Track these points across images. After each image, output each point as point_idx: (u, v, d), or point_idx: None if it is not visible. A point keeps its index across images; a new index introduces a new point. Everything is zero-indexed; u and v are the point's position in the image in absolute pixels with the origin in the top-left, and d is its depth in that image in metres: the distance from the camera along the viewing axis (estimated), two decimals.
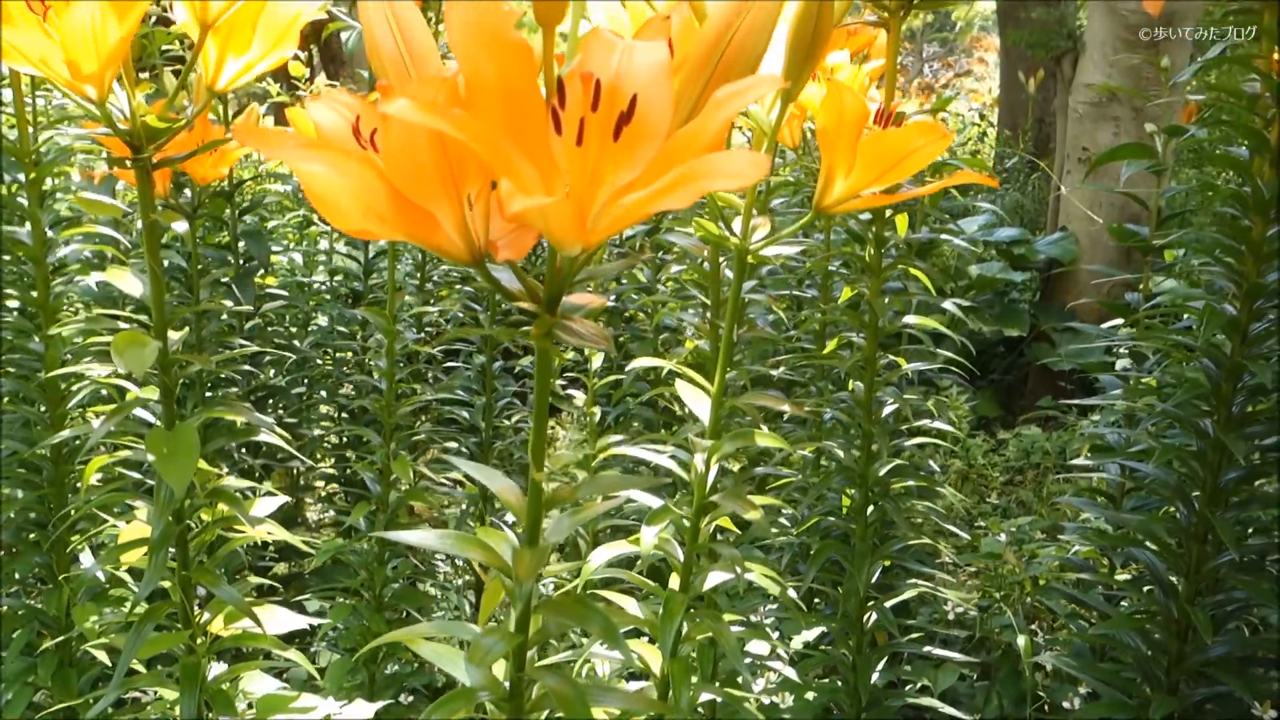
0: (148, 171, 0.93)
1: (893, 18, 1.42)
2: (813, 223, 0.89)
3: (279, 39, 0.97)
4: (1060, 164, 4.68)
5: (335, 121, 0.58)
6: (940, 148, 0.81)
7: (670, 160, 0.52)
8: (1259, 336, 1.30)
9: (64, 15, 0.77)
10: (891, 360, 1.56)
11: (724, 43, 0.56)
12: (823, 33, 0.75)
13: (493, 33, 0.51)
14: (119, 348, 0.94)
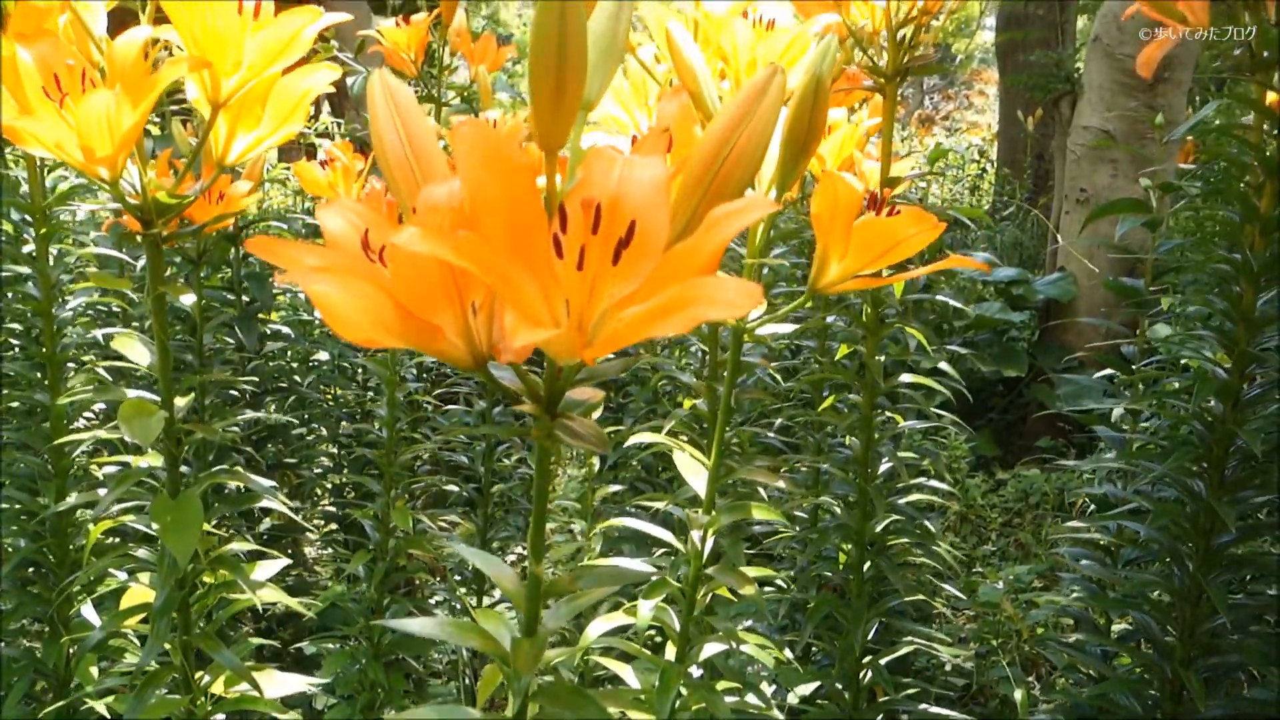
0: (158, 245, 0.95)
1: (888, 84, 1.45)
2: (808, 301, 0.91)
3: (288, 115, 0.99)
4: (1058, 204, 4.72)
5: (343, 229, 0.60)
6: (931, 236, 0.83)
7: (667, 275, 0.54)
8: (1251, 402, 1.31)
9: (80, 104, 0.79)
10: (889, 417, 1.58)
11: (722, 156, 0.58)
12: (816, 130, 0.77)
13: (497, 153, 0.53)
14: (126, 416, 0.95)
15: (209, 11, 0.85)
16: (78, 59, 0.84)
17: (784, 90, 0.58)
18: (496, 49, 2.44)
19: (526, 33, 10.82)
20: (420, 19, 2.32)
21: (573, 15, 0.51)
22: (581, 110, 0.56)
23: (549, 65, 0.52)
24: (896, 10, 1.41)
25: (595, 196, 0.53)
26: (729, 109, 0.58)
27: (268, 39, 0.89)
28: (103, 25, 0.94)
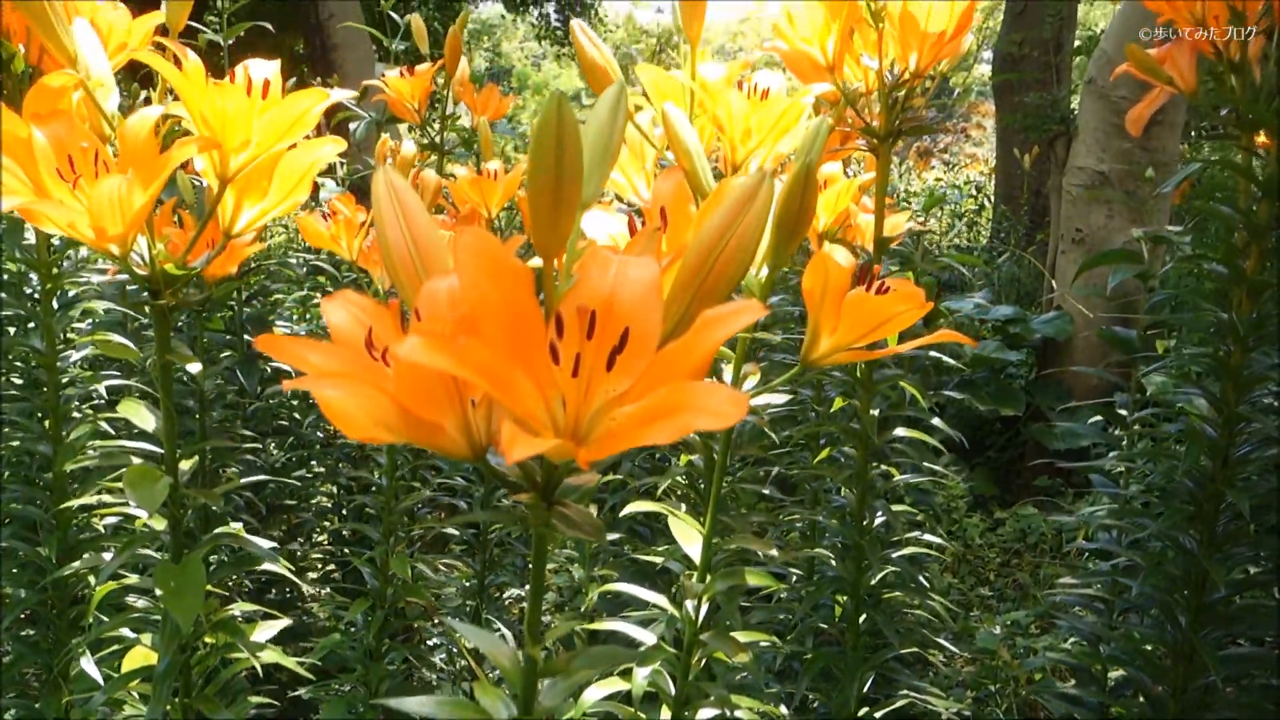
0: (165, 315, 0.97)
1: (881, 144, 1.48)
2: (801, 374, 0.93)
3: (294, 187, 1.02)
4: (1054, 243, 4.76)
5: (348, 324, 0.62)
6: (919, 314, 0.85)
7: (659, 375, 0.56)
8: (1239, 461, 1.33)
9: (93, 189, 0.81)
10: (884, 469, 1.60)
11: (712, 258, 0.61)
12: (806, 215, 0.80)
13: (496, 261, 0.55)
14: (131, 481, 0.97)
15: (219, 94, 0.87)
16: (91, 140, 0.87)
17: (772, 195, 0.61)
18: (499, 99, 2.48)
19: (528, 65, 10.97)
20: (424, 69, 2.36)
21: (569, 140, 0.53)
22: (580, 208, 0.58)
23: (546, 183, 0.54)
24: (889, 74, 1.43)
25: (590, 303, 0.55)
26: (720, 213, 0.60)
27: (275, 119, 0.91)
28: (115, 103, 0.96)
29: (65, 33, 0.91)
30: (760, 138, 1.19)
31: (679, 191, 0.89)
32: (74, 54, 0.92)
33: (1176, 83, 1.59)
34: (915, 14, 1.35)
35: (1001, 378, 4.48)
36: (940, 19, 1.35)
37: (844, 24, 1.40)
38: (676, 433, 0.49)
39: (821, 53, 1.41)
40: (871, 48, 1.45)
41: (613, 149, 0.62)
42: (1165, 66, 1.60)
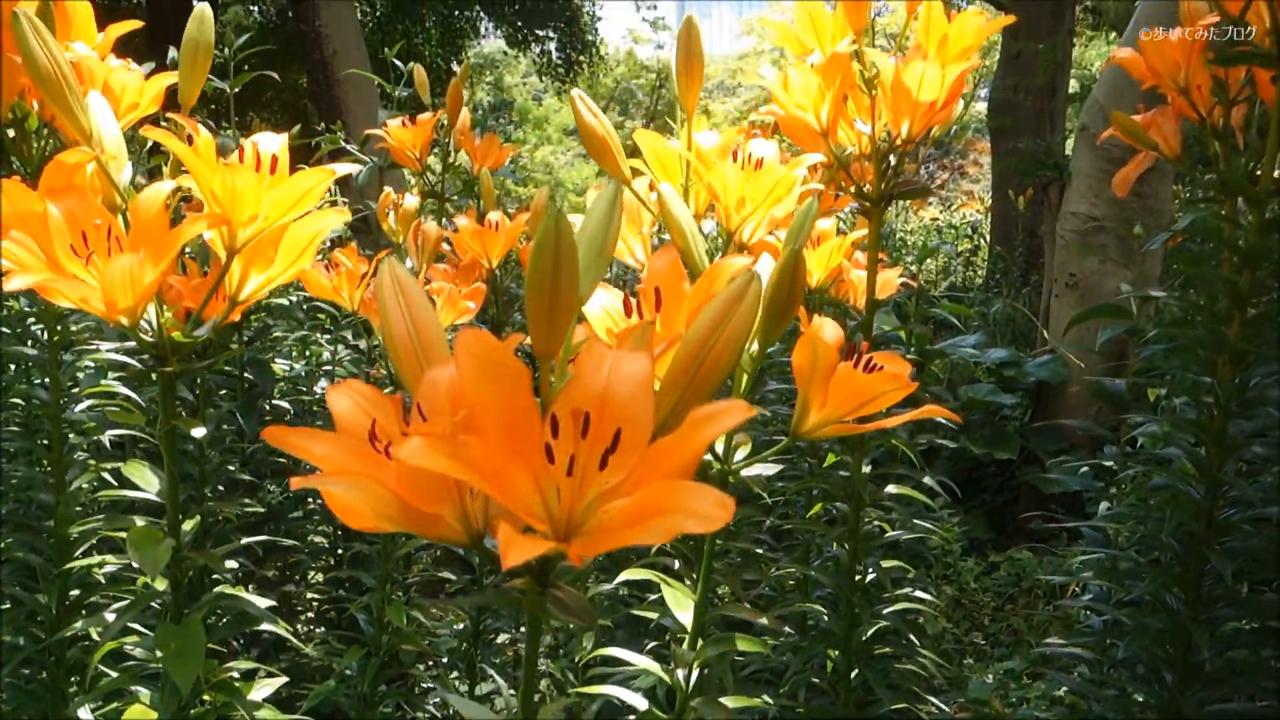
0: (171, 382, 0.99)
1: (874, 208, 1.51)
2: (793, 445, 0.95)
3: (299, 257, 1.04)
4: (1048, 288, 4.80)
5: (352, 413, 0.65)
6: (904, 393, 0.87)
7: (650, 470, 0.58)
8: (1223, 524, 1.35)
9: (106, 265, 0.84)
10: (877, 525, 1.62)
11: (702, 354, 0.63)
12: (795, 299, 0.83)
13: (494, 360, 0.57)
14: (134, 543, 0.99)
15: (229, 173, 0.90)
16: (104, 217, 0.89)
17: (760, 295, 0.63)
18: (499, 148, 2.52)
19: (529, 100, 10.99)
20: (425, 118, 2.40)
21: (566, 255, 0.56)
22: (576, 313, 0.60)
23: (544, 294, 0.57)
24: (881, 139, 1.47)
25: (584, 404, 0.58)
26: (709, 312, 0.63)
27: (282, 195, 0.94)
28: (127, 176, 0.99)
29: (81, 110, 0.94)
30: (754, 206, 1.22)
31: (673, 269, 0.91)
32: (89, 130, 0.95)
33: (1161, 148, 1.63)
34: (908, 83, 1.39)
35: (996, 420, 4.51)
36: (932, 88, 1.38)
37: (838, 91, 1.44)
38: (665, 535, 0.51)
39: (816, 118, 1.45)
40: (865, 113, 1.48)
41: (608, 249, 0.65)
42: (1150, 132, 1.63)
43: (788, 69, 1.42)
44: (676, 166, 1.28)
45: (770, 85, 1.46)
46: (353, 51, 8.88)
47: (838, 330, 1.00)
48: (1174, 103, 1.60)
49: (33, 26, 0.90)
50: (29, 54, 0.89)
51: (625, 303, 0.88)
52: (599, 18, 15.17)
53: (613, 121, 12.41)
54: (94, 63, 1.44)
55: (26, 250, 0.85)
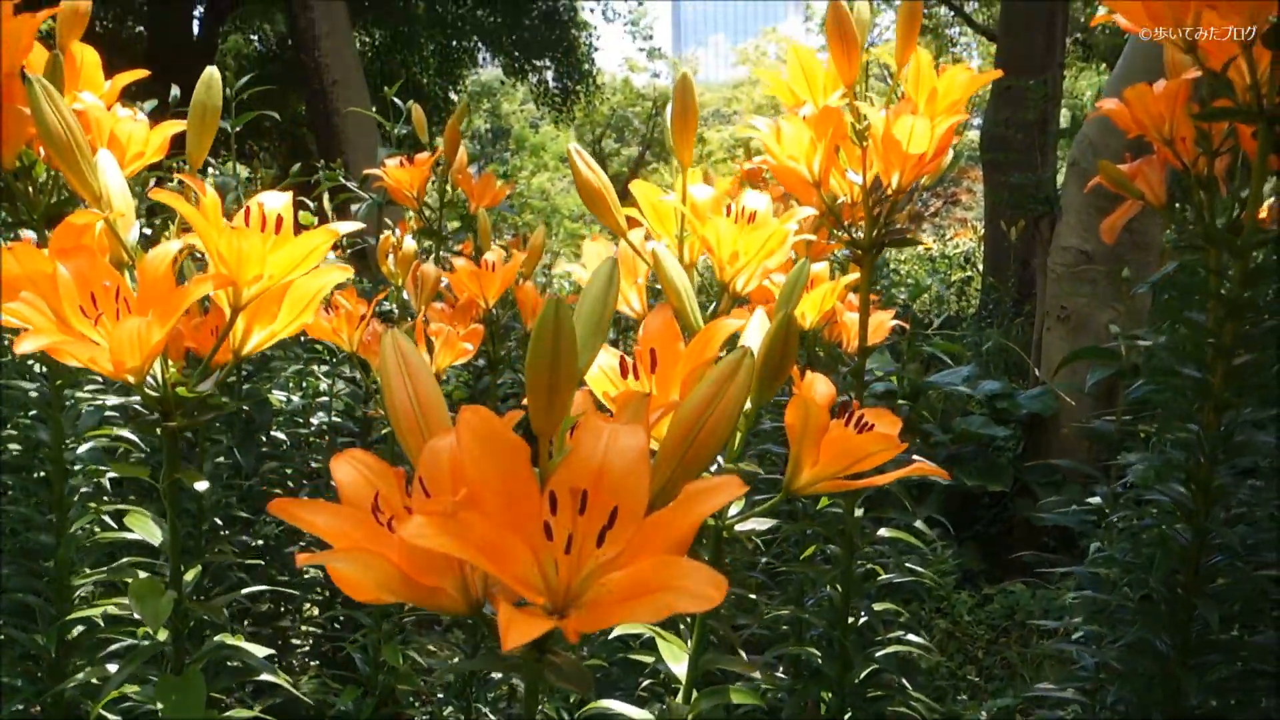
0: (175, 437, 1.01)
1: (865, 256, 1.54)
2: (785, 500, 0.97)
3: (302, 311, 1.07)
4: (1040, 320, 4.83)
5: (355, 482, 0.67)
6: (892, 454, 0.89)
7: (645, 543, 0.60)
8: (1210, 570, 1.37)
9: (115, 328, 0.86)
10: (869, 568, 1.63)
11: (696, 428, 0.65)
12: (787, 361, 0.85)
13: (495, 438, 0.60)
14: (136, 595, 1.01)
15: (235, 236, 0.93)
16: (112, 278, 0.91)
17: (752, 371, 0.65)
18: (496, 187, 2.55)
19: (526, 127, 11.06)
20: (423, 158, 2.43)
21: (565, 341, 0.58)
22: (573, 393, 0.63)
23: (543, 377, 0.59)
24: (872, 188, 1.50)
25: (581, 480, 0.60)
26: (703, 389, 0.65)
27: (287, 255, 0.97)
28: (135, 235, 1.02)
29: (91, 171, 0.97)
30: (747, 259, 1.25)
31: (667, 329, 0.94)
32: (99, 191, 0.97)
33: (1147, 196, 1.66)
34: (898, 136, 1.42)
35: (989, 452, 4.53)
36: (921, 141, 1.41)
37: (829, 142, 1.47)
38: (659, 614, 0.53)
39: (808, 169, 1.48)
40: (856, 163, 1.51)
41: (605, 323, 0.67)
42: (1136, 181, 1.67)
43: (780, 121, 1.45)
44: (671, 217, 1.31)
45: (763, 137, 1.49)
46: (352, 81, 8.95)
47: (829, 387, 1.02)
48: (1159, 152, 1.64)
49: (45, 91, 0.92)
50: (41, 118, 0.92)
51: (622, 363, 0.91)
52: (596, 48, 15.28)
53: (609, 149, 12.72)
54: (100, 112, 1.46)
55: (37, 311, 0.87)
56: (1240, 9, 1.28)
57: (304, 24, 8.64)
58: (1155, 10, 1.33)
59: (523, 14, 14.17)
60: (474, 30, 14.89)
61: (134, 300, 0.92)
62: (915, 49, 1.47)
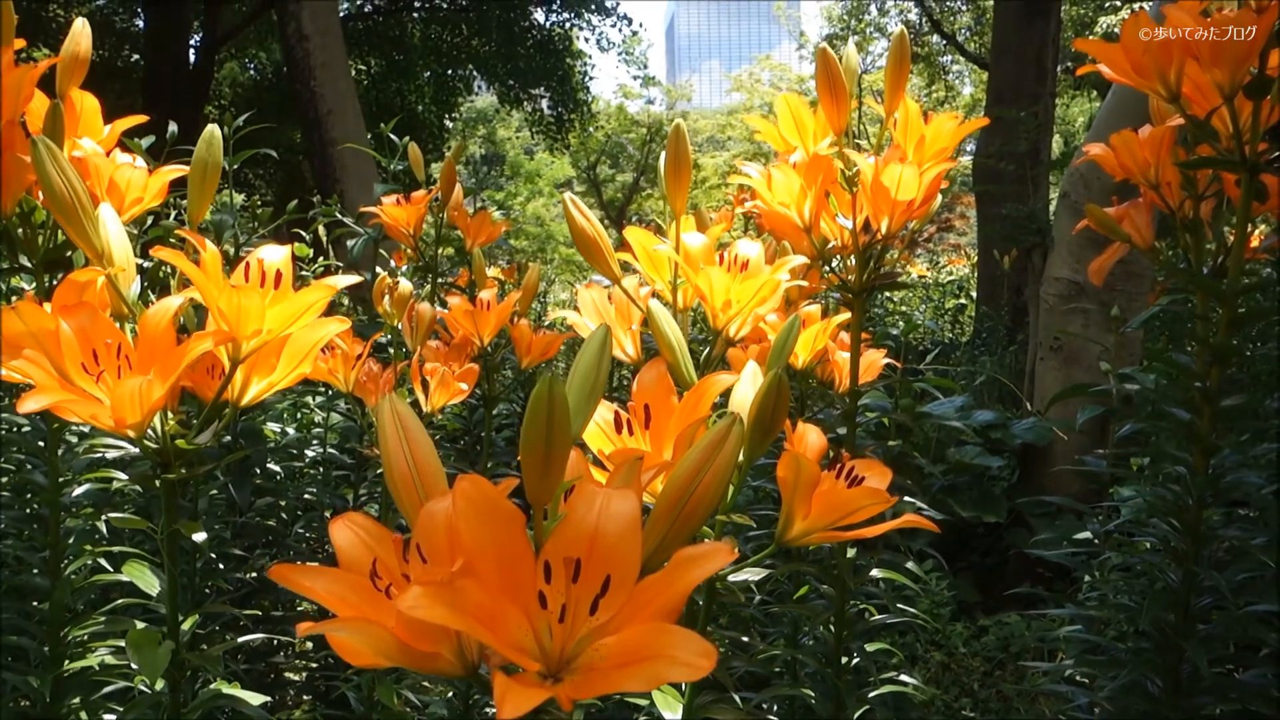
0: (174, 489, 1.02)
1: (856, 299, 1.56)
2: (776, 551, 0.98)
3: (300, 362, 1.08)
4: (1033, 351, 4.86)
5: (353, 547, 0.68)
6: (882, 508, 0.91)
7: (638, 608, 0.62)
8: (1200, 613, 1.38)
9: (116, 386, 0.87)
10: (861, 608, 1.64)
11: (688, 494, 0.67)
12: (779, 417, 0.86)
13: (490, 507, 0.61)
14: (134, 645, 1.01)
15: (236, 294, 0.94)
16: (114, 335, 0.93)
17: (741, 438, 0.67)
18: (491, 225, 2.57)
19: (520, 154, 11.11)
20: (419, 195, 2.45)
21: (559, 416, 0.59)
22: (566, 466, 0.64)
23: (537, 450, 0.60)
24: (861, 235, 1.52)
25: (575, 549, 0.61)
26: (694, 455, 0.66)
27: (286, 310, 0.98)
28: (136, 290, 1.03)
29: (93, 230, 0.98)
30: (740, 307, 1.27)
31: (661, 383, 0.95)
32: (101, 249, 0.98)
33: (1134, 239, 1.68)
34: (886, 184, 1.44)
35: (984, 482, 4.54)
36: (909, 188, 1.43)
37: (819, 189, 1.49)
38: (652, 683, 0.55)
39: (799, 215, 1.50)
40: (846, 208, 1.54)
41: (599, 390, 0.68)
42: (1123, 224, 1.69)
43: (771, 170, 1.47)
44: (665, 264, 1.32)
45: (755, 183, 1.51)
46: (347, 110, 9.00)
47: (820, 438, 1.04)
48: (1146, 196, 1.66)
49: (49, 152, 0.94)
50: (46, 179, 0.94)
51: (616, 418, 0.92)
52: (591, 76, 15.40)
53: (604, 174, 12.76)
54: (100, 159, 1.48)
55: (40, 369, 0.88)
56: (1222, 62, 1.30)
57: (300, 54, 8.69)
58: (1139, 63, 1.36)
59: (517, 43, 14.29)
60: (469, 59, 15.01)
61: (135, 356, 0.94)
62: (904, 97, 1.49)
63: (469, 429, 3.72)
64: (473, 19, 14.50)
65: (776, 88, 28.44)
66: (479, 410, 3.39)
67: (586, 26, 15.42)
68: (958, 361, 6.80)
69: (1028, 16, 8.03)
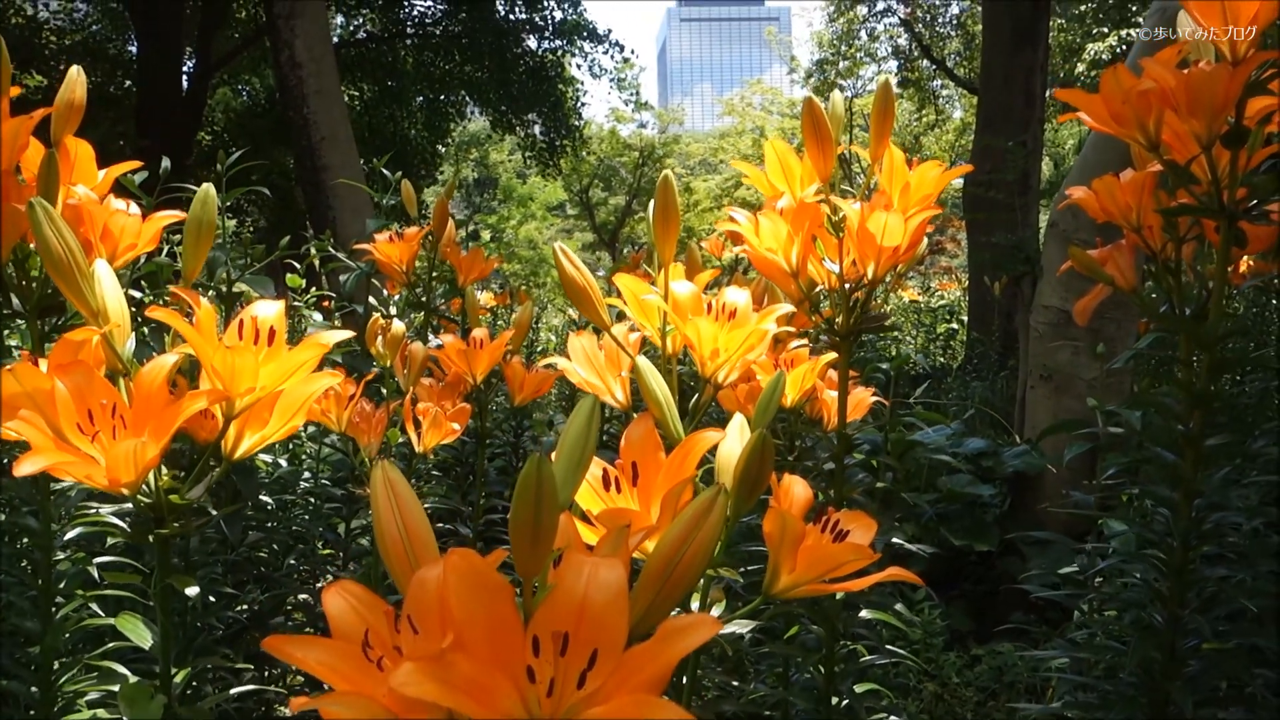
0: (167, 544, 1.03)
1: (843, 342, 1.58)
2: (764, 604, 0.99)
3: (292, 416, 1.09)
4: (1023, 379, 4.89)
5: (346, 616, 0.69)
6: (865, 563, 0.92)
7: (625, 677, 0.63)
8: (1185, 654, 1.40)
9: (111, 447, 0.89)
10: (851, 649, 1.65)
11: (674, 563, 0.68)
12: (764, 475, 0.88)
13: (479, 580, 0.62)
14: (126, 699, 1.02)
15: (230, 353, 0.95)
16: (108, 395, 0.94)
17: (725, 510, 0.68)
18: (483, 261, 2.59)
19: (513, 178, 11.20)
20: (411, 232, 2.48)
21: (547, 494, 0.61)
22: (554, 542, 0.65)
23: (526, 526, 0.62)
24: (848, 278, 1.54)
25: (562, 622, 0.62)
26: (679, 526, 0.68)
27: (279, 367, 1.00)
28: (130, 347, 1.05)
29: (89, 289, 1.00)
30: (727, 355, 1.28)
31: (648, 440, 0.97)
32: (97, 308, 1.00)
33: (1117, 281, 1.70)
34: (872, 230, 1.46)
35: (975, 510, 4.55)
36: (895, 235, 1.46)
37: (806, 234, 1.51)
38: None
39: (786, 260, 1.52)
40: (833, 252, 1.56)
41: (586, 459, 0.70)
42: (1106, 266, 1.71)
43: (759, 217, 1.49)
44: (655, 312, 1.34)
45: (743, 229, 1.53)
46: (340, 137, 9.04)
47: (806, 490, 1.05)
48: (1128, 238, 1.69)
49: (46, 215, 0.96)
50: (43, 242, 0.95)
51: (605, 475, 0.93)
52: (584, 103, 15.48)
53: (596, 197, 12.83)
54: (94, 206, 1.50)
55: (36, 430, 0.90)
56: (1199, 112, 1.33)
57: (293, 81, 8.73)
58: (1119, 113, 1.39)
59: (510, 70, 14.38)
60: (462, 85, 15.09)
61: (129, 415, 0.95)
62: (889, 144, 1.52)
63: (461, 459, 3.73)
64: (465, 46, 14.59)
65: (768, 111, 28.63)
66: (469, 443, 3.40)
67: (579, 54, 15.53)
68: (950, 388, 6.84)
69: (1015, 44, 8.13)
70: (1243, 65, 1.30)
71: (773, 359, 1.82)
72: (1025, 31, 8.09)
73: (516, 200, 28.74)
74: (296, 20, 8.57)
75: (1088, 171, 4.18)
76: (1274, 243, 1.47)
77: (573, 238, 31.13)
